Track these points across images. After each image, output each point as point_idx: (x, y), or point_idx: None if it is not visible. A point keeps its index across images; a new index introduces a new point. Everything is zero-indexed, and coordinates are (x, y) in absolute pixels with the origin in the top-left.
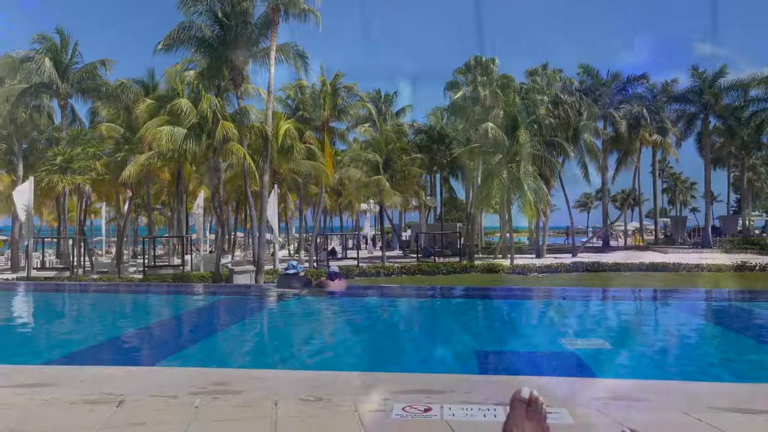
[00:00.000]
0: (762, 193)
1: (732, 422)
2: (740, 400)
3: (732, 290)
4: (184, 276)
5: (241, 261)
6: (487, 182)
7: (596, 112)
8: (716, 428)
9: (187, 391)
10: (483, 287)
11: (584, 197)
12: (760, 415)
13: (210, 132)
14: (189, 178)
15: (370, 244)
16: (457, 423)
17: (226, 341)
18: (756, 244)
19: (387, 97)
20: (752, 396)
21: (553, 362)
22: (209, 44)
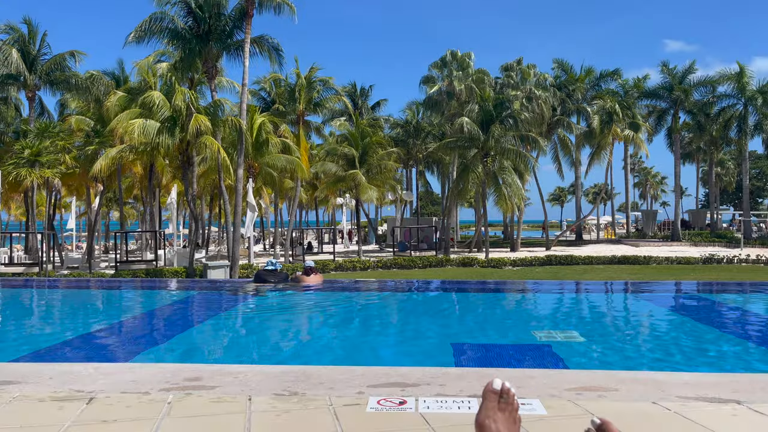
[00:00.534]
0: (730, 187)
1: (699, 411)
2: (707, 389)
3: (700, 282)
4: (158, 271)
5: (215, 256)
6: (463, 176)
7: (570, 108)
8: (684, 417)
9: (160, 387)
10: (458, 281)
11: (558, 191)
12: (727, 404)
13: (183, 125)
14: (162, 172)
15: (346, 238)
16: (432, 415)
17: (200, 337)
18: (723, 237)
19: (363, 90)
20: (718, 386)
21: (527, 354)
22: (182, 36)
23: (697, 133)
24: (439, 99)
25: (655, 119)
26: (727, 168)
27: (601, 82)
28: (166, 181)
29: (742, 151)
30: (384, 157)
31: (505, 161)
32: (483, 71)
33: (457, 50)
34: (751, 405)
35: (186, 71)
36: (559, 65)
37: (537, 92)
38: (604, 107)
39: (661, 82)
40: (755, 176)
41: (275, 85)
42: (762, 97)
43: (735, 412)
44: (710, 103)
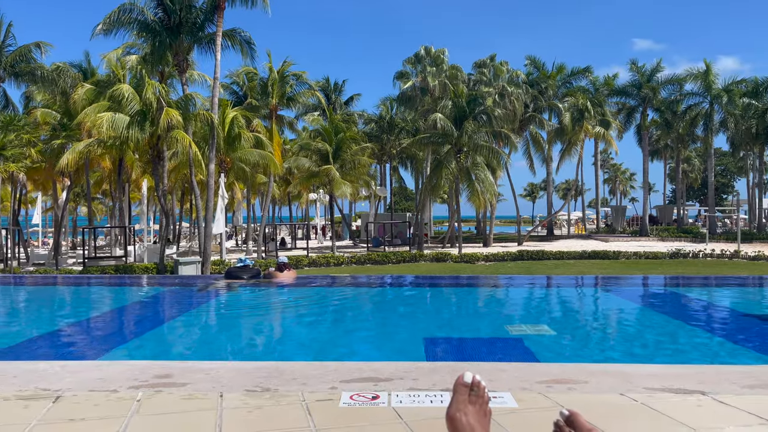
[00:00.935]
0: (696, 184)
1: (665, 402)
2: (673, 380)
3: (667, 276)
4: (127, 267)
5: (186, 252)
6: (436, 172)
7: (542, 105)
8: (651, 408)
9: (129, 384)
10: (431, 276)
11: (530, 187)
12: (691, 395)
13: (154, 119)
14: (132, 167)
15: (320, 234)
16: (405, 410)
17: (170, 334)
18: (689, 232)
19: (336, 85)
20: (684, 377)
21: (499, 348)
22: (152, 28)
23: (664, 130)
24: (413, 95)
25: (625, 116)
26: (693, 165)
27: (573, 80)
28: (135, 176)
29: (708, 148)
30: (358, 152)
31: (478, 157)
32: (456, 67)
33: (431, 46)
34: (716, 396)
35: (156, 64)
36: (531, 62)
37: (509, 89)
38: (576, 104)
39: (631, 80)
40: (720, 173)
41: (248, 80)
42: (727, 96)
43: (700, 403)
44: (677, 101)
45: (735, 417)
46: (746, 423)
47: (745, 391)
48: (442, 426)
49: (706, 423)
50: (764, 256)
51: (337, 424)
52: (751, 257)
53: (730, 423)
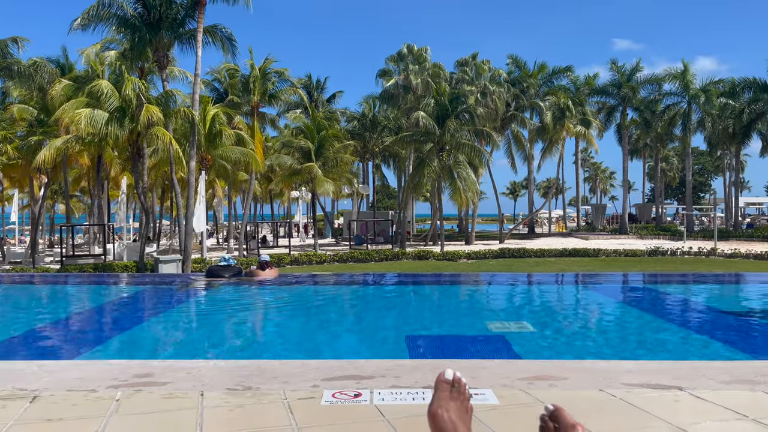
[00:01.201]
0: (674, 182)
1: (643, 398)
2: (651, 376)
3: (646, 274)
4: (106, 266)
5: (167, 250)
6: (419, 170)
7: (524, 103)
8: (629, 403)
9: (108, 384)
10: (414, 274)
11: (512, 185)
12: (668, 391)
13: (133, 116)
14: (111, 164)
15: (302, 232)
16: (386, 407)
17: (150, 333)
18: (668, 230)
19: (319, 83)
20: (661, 373)
21: (481, 345)
22: (132, 23)
23: (644, 129)
24: (396, 93)
25: (605, 116)
26: (671, 164)
27: (554, 79)
28: (115, 173)
29: (686, 147)
30: (340, 150)
31: (460, 155)
32: (439, 66)
33: (413, 44)
34: (692, 391)
35: (136, 60)
36: (513, 61)
37: (491, 87)
38: (557, 103)
39: (611, 80)
40: (697, 172)
41: (229, 76)
42: (705, 96)
43: (677, 398)
44: (656, 100)
45: (711, 412)
46: (723, 418)
47: (721, 387)
48: (424, 423)
49: (684, 418)
50: (740, 254)
51: (318, 422)
52: (728, 255)
53: (706, 418)
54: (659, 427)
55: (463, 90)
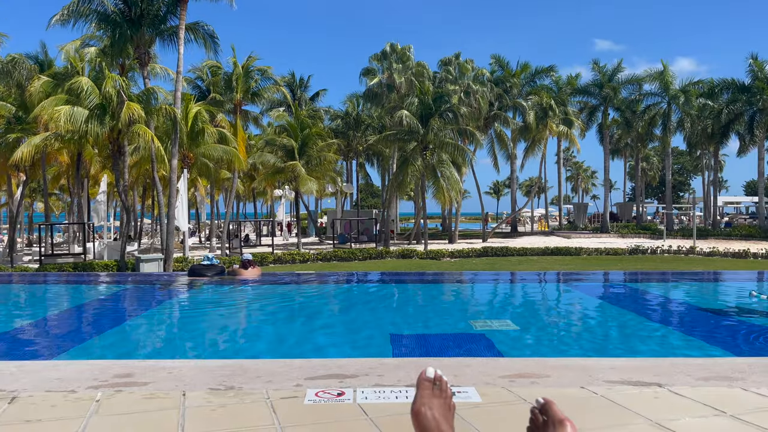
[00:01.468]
0: (654, 181)
1: (623, 394)
2: (631, 373)
3: (627, 272)
4: (86, 265)
5: (148, 249)
6: (403, 169)
7: (507, 103)
8: (610, 400)
9: (88, 384)
10: (397, 272)
11: (495, 184)
12: (648, 387)
13: (114, 113)
14: (91, 162)
15: (285, 230)
16: (370, 406)
17: (131, 332)
18: (648, 229)
19: (302, 81)
20: (641, 370)
21: (464, 343)
22: (112, 20)
23: (625, 129)
24: (380, 91)
25: (587, 115)
26: (652, 163)
27: (537, 78)
28: (95, 171)
29: (666, 147)
30: (324, 148)
31: (443, 154)
32: (422, 65)
33: (396, 43)
34: (671, 387)
35: (116, 57)
36: (496, 61)
37: (475, 87)
38: (540, 103)
39: (593, 80)
40: (677, 171)
41: (211, 74)
42: (684, 96)
43: (656, 395)
44: (637, 100)
45: (690, 408)
46: (701, 414)
47: (699, 383)
48: (407, 421)
49: (663, 414)
50: (719, 252)
51: (302, 422)
52: (706, 253)
53: (685, 414)
54: (639, 423)
55: (447, 89)
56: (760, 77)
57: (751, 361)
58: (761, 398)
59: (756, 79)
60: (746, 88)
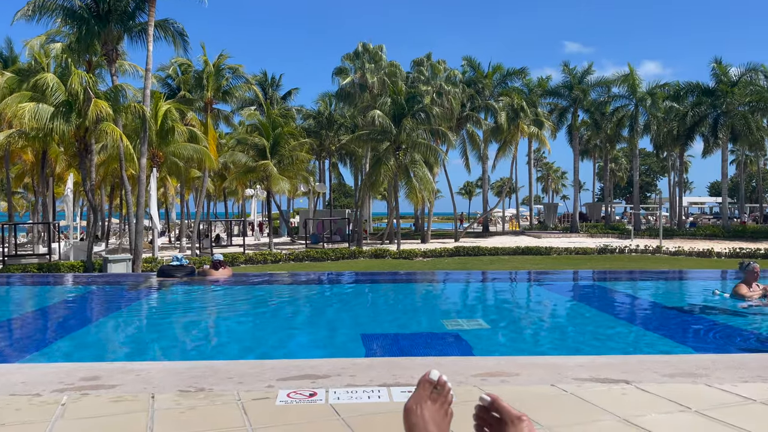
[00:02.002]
0: (622, 182)
1: (592, 391)
2: (599, 370)
3: (595, 271)
4: (51, 266)
5: (116, 249)
6: (375, 169)
7: (479, 104)
8: (579, 397)
9: (53, 388)
10: (370, 272)
11: (467, 185)
12: (616, 384)
13: (81, 110)
14: (56, 160)
15: (257, 230)
16: (342, 406)
17: (98, 334)
18: (616, 228)
19: (273, 80)
20: (610, 367)
21: (436, 342)
22: (79, 15)
23: (594, 130)
24: (352, 91)
25: (557, 117)
26: (620, 164)
27: (508, 80)
28: (60, 170)
29: (633, 148)
30: (296, 147)
31: (416, 154)
32: (395, 65)
33: (369, 43)
34: (639, 384)
35: (83, 53)
36: (468, 62)
37: (447, 88)
38: (511, 104)
39: (563, 82)
40: (644, 172)
41: (182, 72)
42: (651, 98)
43: (624, 392)
44: (606, 102)
45: (656, 404)
46: (667, 410)
47: (665, 380)
48: (379, 421)
49: (630, 411)
50: (684, 252)
51: (273, 423)
52: (672, 252)
53: (651, 410)
54: (607, 420)
55: (419, 89)
56: (723, 81)
57: (714, 358)
58: (724, 394)
59: (720, 82)
60: (710, 91)
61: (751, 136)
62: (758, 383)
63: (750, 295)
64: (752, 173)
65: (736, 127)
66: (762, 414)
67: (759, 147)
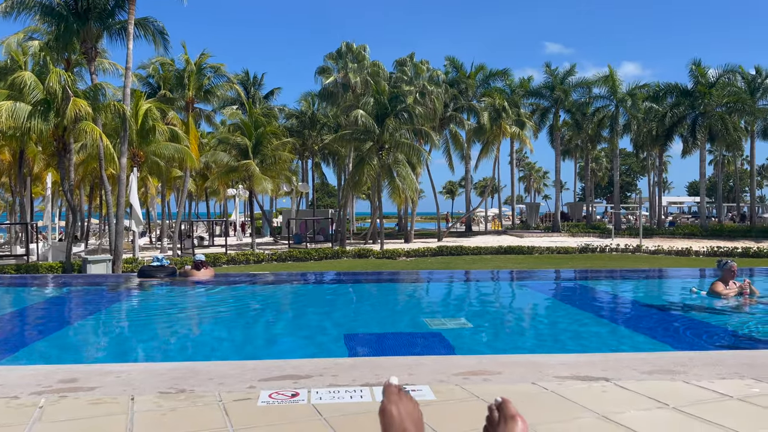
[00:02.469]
0: (603, 182)
1: (573, 389)
2: (580, 368)
3: (577, 270)
4: (30, 266)
5: (96, 250)
6: (359, 169)
7: (462, 104)
8: (559, 395)
9: (31, 390)
10: (353, 272)
11: (449, 185)
12: (596, 382)
13: (59, 109)
14: (34, 160)
15: (239, 230)
16: (324, 406)
17: (77, 336)
18: (597, 228)
19: (255, 79)
20: (590, 365)
21: (419, 342)
22: (57, 12)
23: (575, 131)
24: (335, 90)
25: (539, 117)
26: (601, 164)
27: (490, 80)
28: (38, 170)
29: (614, 148)
30: (279, 147)
31: (399, 154)
32: (378, 64)
33: (352, 42)
34: (618, 381)
35: (62, 51)
36: (451, 63)
37: (430, 88)
38: (493, 104)
39: (544, 82)
40: (624, 172)
41: (162, 70)
42: (631, 99)
43: (604, 389)
44: (587, 103)
45: (635, 401)
46: (645, 407)
47: (644, 377)
48: (362, 421)
49: (610, 407)
50: (663, 250)
51: (255, 424)
52: (652, 251)
53: (630, 407)
54: (587, 417)
55: (402, 89)
56: (702, 82)
57: (692, 355)
58: (702, 390)
59: (698, 83)
60: (689, 92)
61: (729, 136)
62: (735, 380)
63: (726, 293)
64: (730, 173)
65: (714, 127)
66: (739, 410)
67: (736, 147)
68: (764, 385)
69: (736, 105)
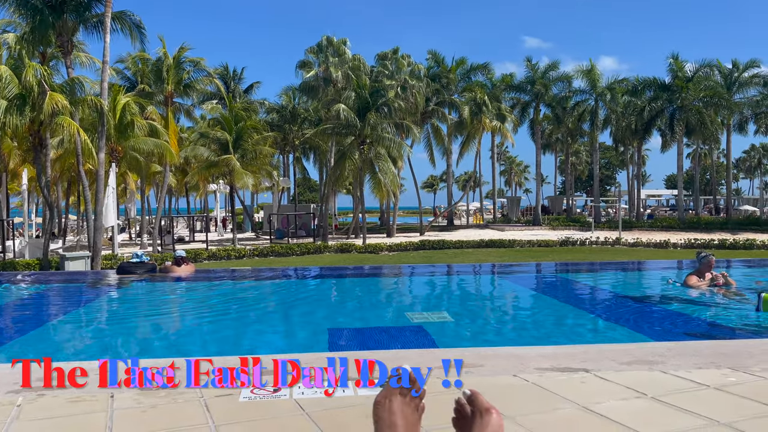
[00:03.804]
0: (583, 175)
1: (553, 381)
2: (560, 360)
3: (557, 263)
4: (6, 264)
5: (74, 246)
6: (340, 163)
7: (444, 98)
8: (540, 387)
9: (8, 389)
10: (336, 267)
11: (431, 179)
12: (576, 373)
13: (35, 104)
14: (9, 155)
15: (220, 226)
16: (307, 401)
17: (56, 333)
18: (577, 221)
19: (236, 73)
20: (570, 356)
21: (401, 335)
22: (32, 5)
23: (555, 125)
24: (316, 84)
25: (519, 111)
26: (581, 158)
27: (471, 74)
28: (14, 165)
29: (594, 142)
30: (259, 141)
31: (381, 149)
32: (359, 58)
33: (332, 36)
34: (598, 372)
35: (37, 45)
36: (432, 57)
37: (411, 82)
38: (474, 99)
39: (525, 77)
40: (604, 166)
41: (141, 64)
42: (610, 93)
43: (584, 380)
44: (567, 97)
45: (614, 391)
46: (624, 397)
47: (623, 368)
48: (344, 416)
49: (589, 398)
50: (642, 243)
51: (237, 419)
52: (631, 244)
53: (610, 397)
54: (567, 408)
55: (384, 84)
56: (679, 76)
57: (670, 346)
58: (679, 380)
59: (676, 78)
60: (667, 86)
61: (706, 130)
62: (711, 369)
63: (698, 285)
64: (707, 166)
65: (691, 121)
66: (715, 399)
67: (713, 141)
68: (740, 374)
69: (713, 99)
